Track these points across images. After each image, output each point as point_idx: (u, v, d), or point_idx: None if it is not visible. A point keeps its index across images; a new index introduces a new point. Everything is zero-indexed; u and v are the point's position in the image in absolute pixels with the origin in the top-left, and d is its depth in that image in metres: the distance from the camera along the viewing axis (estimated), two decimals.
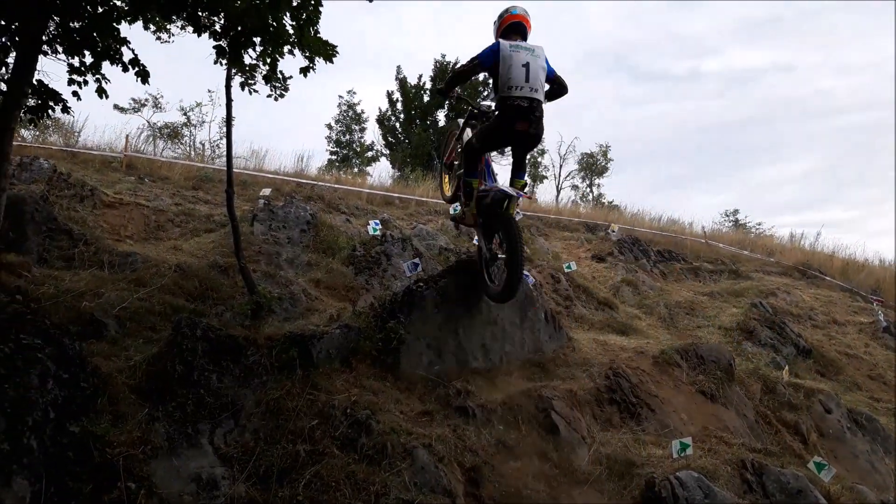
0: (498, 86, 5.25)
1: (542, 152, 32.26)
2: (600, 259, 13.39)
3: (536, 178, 31.40)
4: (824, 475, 5.17)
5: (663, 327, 10.08)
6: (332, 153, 29.56)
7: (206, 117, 21.78)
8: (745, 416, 6.44)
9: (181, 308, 6.04)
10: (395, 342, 5.39)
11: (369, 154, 28.71)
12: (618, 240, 14.46)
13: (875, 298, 14.08)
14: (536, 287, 7.28)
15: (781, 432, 6.59)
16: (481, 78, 23.39)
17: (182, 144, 20.80)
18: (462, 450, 4.60)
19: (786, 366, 8.53)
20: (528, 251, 6.84)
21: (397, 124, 28.11)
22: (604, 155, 34.04)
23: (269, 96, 6.09)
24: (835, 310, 13.27)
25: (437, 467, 4.31)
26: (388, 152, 28.11)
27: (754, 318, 10.51)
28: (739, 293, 12.65)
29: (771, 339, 10.04)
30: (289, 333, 5.20)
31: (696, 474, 4.62)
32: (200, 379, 4.58)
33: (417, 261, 7.37)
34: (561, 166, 33.59)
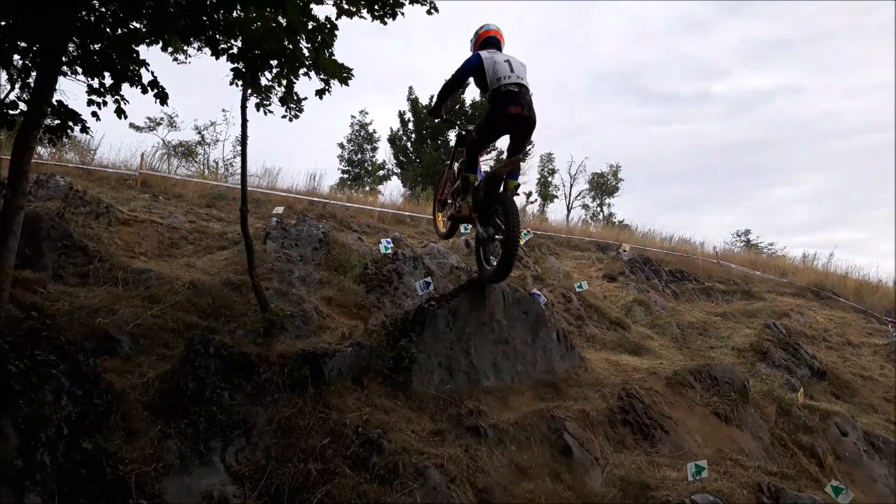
0: (486, 85, 5.56)
1: (552, 172, 32.46)
2: (612, 278, 13.31)
3: (547, 197, 31.46)
4: (842, 499, 5.10)
5: (676, 348, 9.98)
6: (343, 172, 29.70)
7: (220, 136, 22.07)
8: (760, 439, 6.36)
9: (194, 325, 6.07)
10: (406, 361, 5.39)
11: (381, 173, 28.80)
12: (629, 259, 14.40)
13: (890, 320, 13.91)
14: (548, 306, 7.27)
15: (797, 455, 6.51)
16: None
17: (196, 163, 21.08)
18: (474, 470, 4.57)
19: (801, 388, 8.43)
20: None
21: (409, 144, 28.25)
22: (614, 175, 34.26)
23: (284, 117, 6.17)
24: (849, 331, 13.11)
25: (448, 488, 4.28)
26: (399, 171, 28.21)
27: (768, 340, 10.39)
28: (752, 314, 12.53)
29: (785, 360, 9.91)
30: (301, 351, 5.21)
31: (711, 497, 4.57)
32: (213, 396, 4.59)
33: (429, 279, 7.40)
34: (571, 185, 33.87)
